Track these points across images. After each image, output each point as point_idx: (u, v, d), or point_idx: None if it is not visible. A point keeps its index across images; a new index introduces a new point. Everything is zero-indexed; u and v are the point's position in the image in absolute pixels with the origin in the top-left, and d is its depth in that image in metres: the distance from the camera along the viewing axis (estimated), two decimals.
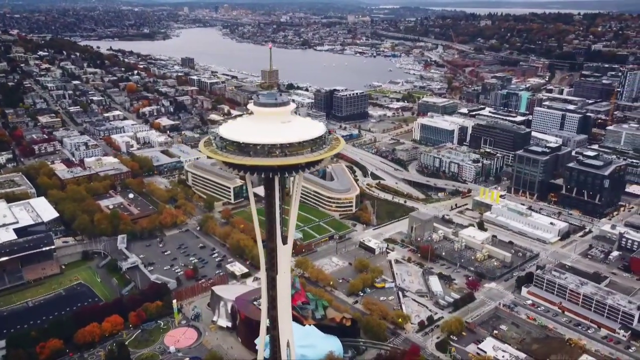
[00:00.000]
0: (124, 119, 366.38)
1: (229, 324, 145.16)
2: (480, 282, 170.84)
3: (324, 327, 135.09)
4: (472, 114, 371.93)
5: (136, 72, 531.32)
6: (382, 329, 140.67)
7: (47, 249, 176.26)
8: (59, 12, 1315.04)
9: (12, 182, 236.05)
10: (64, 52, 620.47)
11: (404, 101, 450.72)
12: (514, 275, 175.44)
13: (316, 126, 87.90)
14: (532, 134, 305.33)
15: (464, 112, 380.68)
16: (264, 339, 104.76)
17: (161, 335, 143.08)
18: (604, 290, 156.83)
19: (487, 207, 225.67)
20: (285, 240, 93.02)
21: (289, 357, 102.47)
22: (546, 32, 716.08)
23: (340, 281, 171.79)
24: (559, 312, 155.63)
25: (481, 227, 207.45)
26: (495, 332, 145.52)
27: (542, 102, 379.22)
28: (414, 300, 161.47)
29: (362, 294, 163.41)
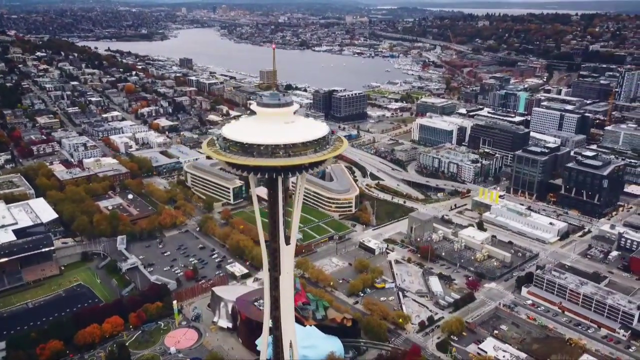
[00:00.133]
0: (123, 120, 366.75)
1: (230, 325, 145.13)
2: (480, 282, 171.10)
3: (325, 327, 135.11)
4: (471, 114, 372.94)
5: (134, 72, 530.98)
6: (383, 329, 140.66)
7: (47, 250, 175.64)
8: (56, 13, 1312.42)
9: (10, 183, 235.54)
10: (61, 52, 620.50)
11: (403, 102, 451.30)
12: (514, 275, 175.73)
13: (319, 126, 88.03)
14: (530, 134, 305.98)
15: (463, 112, 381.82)
16: (266, 340, 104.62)
17: (162, 336, 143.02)
18: (603, 290, 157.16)
19: (487, 208, 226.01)
20: (288, 240, 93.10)
21: (291, 358, 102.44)
22: (544, 33, 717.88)
23: (340, 282, 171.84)
24: (559, 312, 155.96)
25: (481, 227, 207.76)
26: (495, 332, 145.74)
27: (540, 103, 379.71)
28: (414, 300, 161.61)
29: (362, 295, 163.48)
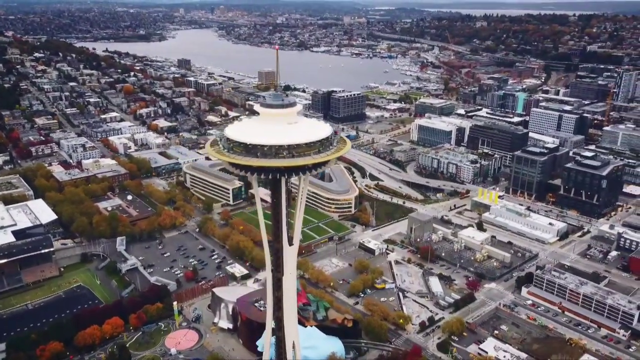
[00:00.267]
0: (121, 121, 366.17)
1: (230, 326, 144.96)
2: (480, 283, 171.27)
3: (326, 328, 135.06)
4: (469, 115, 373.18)
5: (133, 73, 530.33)
6: (384, 329, 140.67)
7: (46, 251, 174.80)
8: (53, 14, 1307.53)
9: (9, 184, 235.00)
10: (59, 53, 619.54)
11: (401, 102, 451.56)
12: (514, 275, 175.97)
13: (322, 127, 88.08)
14: (529, 134, 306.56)
15: (461, 113, 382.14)
16: (269, 340, 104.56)
17: (162, 337, 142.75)
18: (603, 290, 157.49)
19: (486, 208, 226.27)
20: (291, 241, 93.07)
21: (294, 359, 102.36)
22: (542, 33, 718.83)
23: (340, 282, 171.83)
24: (559, 312, 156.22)
25: (480, 227, 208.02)
26: (495, 332, 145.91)
27: (538, 103, 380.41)
28: (415, 301, 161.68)
29: (362, 295, 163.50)
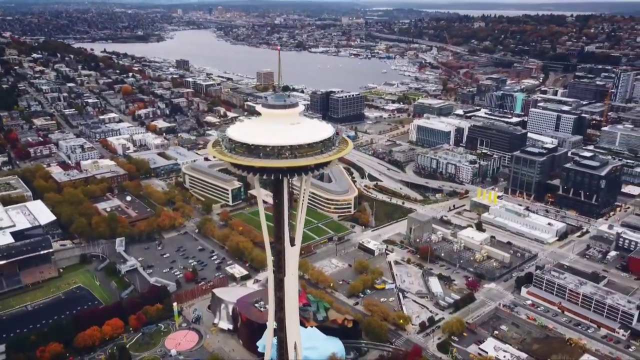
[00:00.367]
0: (120, 122, 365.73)
1: (230, 327, 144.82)
2: (479, 283, 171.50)
3: (326, 328, 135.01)
4: (468, 115, 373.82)
5: (131, 74, 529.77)
6: (384, 330, 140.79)
7: (45, 252, 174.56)
8: (51, 14, 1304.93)
9: (8, 185, 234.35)
10: (57, 54, 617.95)
11: (400, 103, 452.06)
12: (513, 275, 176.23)
13: (325, 128, 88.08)
14: (527, 135, 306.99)
15: (460, 113, 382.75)
16: (271, 341, 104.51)
17: (162, 338, 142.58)
18: (603, 290, 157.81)
19: (485, 208, 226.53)
20: (293, 242, 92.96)
21: (295, 359, 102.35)
22: (539, 34, 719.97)
23: (340, 283, 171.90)
24: (559, 312, 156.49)
25: (479, 228, 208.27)
26: (495, 332, 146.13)
27: (536, 104, 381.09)
28: (415, 301, 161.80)
29: (362, 296, 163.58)
